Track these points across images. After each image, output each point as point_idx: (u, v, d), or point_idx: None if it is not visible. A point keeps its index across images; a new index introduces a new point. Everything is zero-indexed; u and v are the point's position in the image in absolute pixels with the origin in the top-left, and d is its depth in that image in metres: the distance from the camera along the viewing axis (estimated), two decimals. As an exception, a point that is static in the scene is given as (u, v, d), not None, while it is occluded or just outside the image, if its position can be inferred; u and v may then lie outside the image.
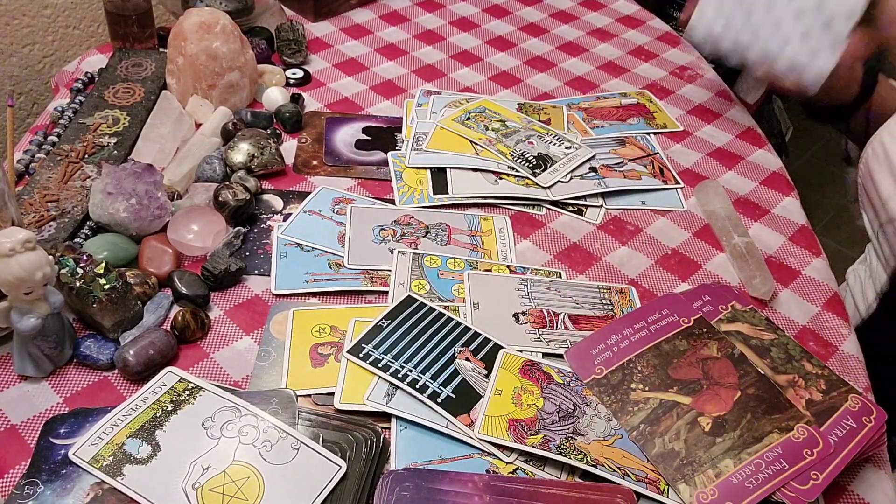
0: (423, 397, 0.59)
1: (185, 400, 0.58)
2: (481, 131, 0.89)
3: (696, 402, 0.61)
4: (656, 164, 0.89)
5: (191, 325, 0.64)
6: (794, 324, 0.72)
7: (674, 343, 0.65)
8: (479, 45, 1.11)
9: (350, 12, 1.15)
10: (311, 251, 0.73)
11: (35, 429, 0.57)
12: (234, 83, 0.89)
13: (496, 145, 0.86)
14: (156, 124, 0.85)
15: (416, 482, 0.54)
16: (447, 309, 0.67)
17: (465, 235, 0.77)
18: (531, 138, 0.88)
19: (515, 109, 0.94)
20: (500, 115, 0.92)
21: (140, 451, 0.55)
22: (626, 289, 0.73)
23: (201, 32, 0.86)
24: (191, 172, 0.80)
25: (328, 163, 0.86)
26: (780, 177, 0.91)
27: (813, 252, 0.81)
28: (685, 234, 0.81)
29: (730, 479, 0.56)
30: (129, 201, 0.70)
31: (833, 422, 0.60)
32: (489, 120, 0.91)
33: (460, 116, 0.91)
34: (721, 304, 0.70)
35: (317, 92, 0.98)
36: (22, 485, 0.53)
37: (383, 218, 0.78)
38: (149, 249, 0.70)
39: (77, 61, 1.00)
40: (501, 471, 0.57)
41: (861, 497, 0.59)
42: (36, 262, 0.55)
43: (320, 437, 0.57)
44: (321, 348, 0.64)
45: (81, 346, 0.62)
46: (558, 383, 0.62)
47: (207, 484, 0.53)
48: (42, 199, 0.74)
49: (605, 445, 0.58)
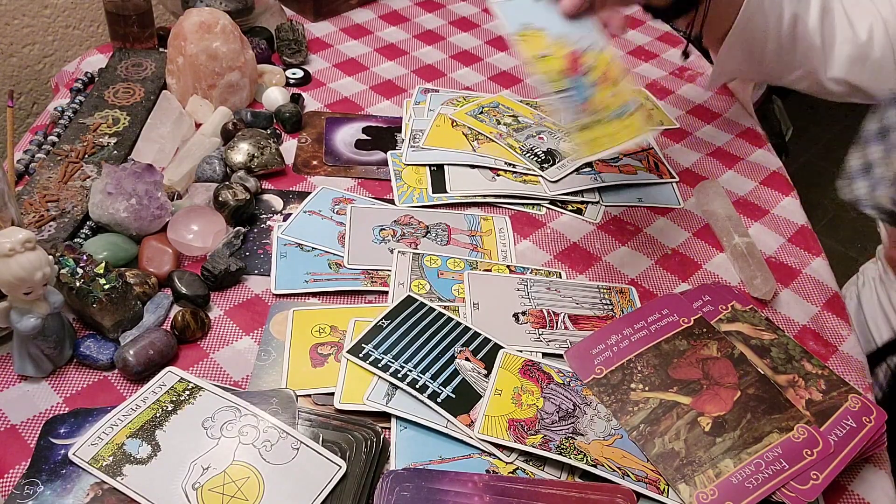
0: (423, 397, 0.59)
1: (185, 400, 0.58)
2: (493, 125, 0.89)
3: (696, 402, 0.61)
4: (651, 159, 0.89)
5: (191, 325, 0.64)
6: (794, 324, 0.72)
7: (674, 343, 0.65)
8: (479, 45, 1.11)
9: (350, 12, 1.15)
10: (311, 251, 0.73)
11: (35, 429, 0.57)
12: (234, 83, 0.89)
13: (507, 139, 0.87)
14: (156, 124, 0.85)
15: (416, 482, 0.54)
16: (447, 309, 0.67)
17: (465, 235, 0.77)
18: (542, 134, 0.88)
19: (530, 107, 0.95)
20: (514, 111, 0.92)
21: (140, 451, 0.55)
22: (626, 289, 0.73)
23: (201, 32, 0.86)
24: (191, 172, 0.80)
25: (328, 163, 0.86)
26: (780, 177, 0.91)
27: (813, 252, 0.81)
28: (685, 234, 0.81)
29: (730, 479, 0.56)
30: (129, 201, 0.70)
31: (833, 422, 0.60)
32: (502, 115, 0.91)
33: (473, 110, 0.91)
34: (721, 304, 0.70)
35: (317, 92, 0.98)
36: (22, 485, 0.53)
37: (383, 218, 0.78)
38: (149, 249, 0.70)
39: (77, 61, 1.01)
40: (501, 471, 0.57)
41: (861, 497, 0.59)
42: (36, 262, 0.55)
43: (320, 437, 0.57)
44: (321, 348, 0.64)
45: (81, 346, 0.62)
46: (558, 383, 0.62)
47: (207, 484, 0.53)
48: (42, 199, 0.74)
49: (605, 445, 0.58)
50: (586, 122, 0.65)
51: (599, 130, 0.65)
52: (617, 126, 0.65)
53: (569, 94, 0.65)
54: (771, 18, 0.76)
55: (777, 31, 0.77)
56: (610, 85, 0.66)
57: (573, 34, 0.68)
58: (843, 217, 2.04)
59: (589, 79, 0.66)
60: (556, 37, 0.68)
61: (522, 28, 0.68)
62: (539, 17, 0.68)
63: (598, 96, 0.66)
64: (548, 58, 0.67)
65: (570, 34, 0.68)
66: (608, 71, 0.67)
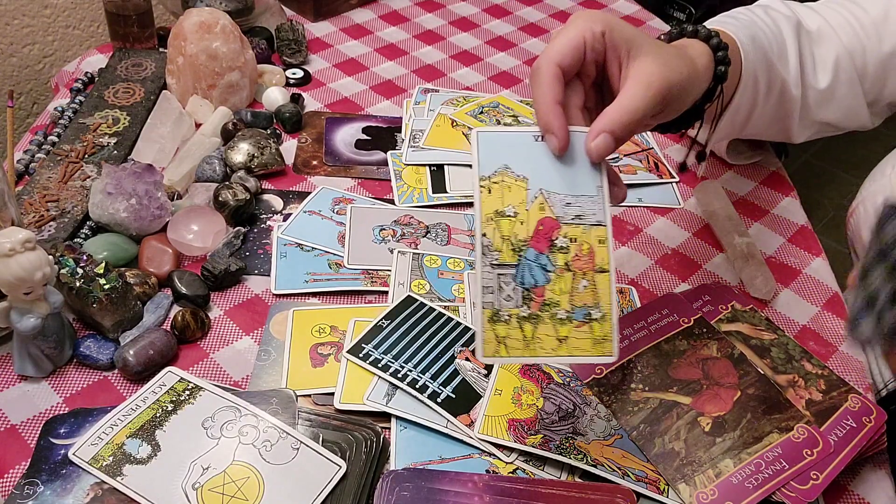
0: (423, 397, 0.59)
1: (185, 400, 0.58)
2: (493, 125, 0.89)
3: (696, 402, 0.61)
4: (651, 159, 0.89)
5: (191, 325, 0.64)
6: (794, 324, 0.72)
7: (674, 343, 0.65)
8: (479, 45, 1.11)
9: (350, 12, 1.15)
10: (311, 251, 0.73)
11: (35, 429, 0.57)
12: (234, 83, 0.89)
13: None
14: (156, 124, 0.85)
15: (416, 482, 0.54)
16: (447, 309, 0.67)
17: (465, 235, 0.77)
18: None
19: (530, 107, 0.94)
20: (514, 111, 0.92)
21: (140, 451, 0.55)
22: (626, 289, 0.73)
23: (201, 32, 0.86)
24: (191, 172, 0.80)
25: (328, 163, 0.86)
26: (780, 177, 0.91)
27: (813, 252, 0.81)
28: (685, 234, 0.81)
29: (730, 479, 0.56)
30: (129, 201, 0.70)
31: (833, 422, 0.60)
32: (502, 115, 0.91)
33: (473, 110, 0.91)
34: (721, 304, 0.70)
35: (317, 92, 0.98)
36: (22, 485, 0.53)
37: (383, 218, 0.78)
38: (149, 249, 0.70)
39: (77, 61, 1.01)
40: (501, 471, 0.57)
41: (861, 497, 0.59)
42: (36, 262, 0.55)
43: (320, 437, 0.57)
44: (321, 348, 0.64)
45: (81, 346, 0.62)
46: (558, 383, 0.62)
47: (207, 484, 0.53)
48: (42, 199, 0.74)
49: (605, 445, 0.58)
50: (532, 313, 0.49)
51: (544, 329, 0.49)
52: (568, 331, 0.49)
53: (521, 271, 0.49)
54: (760, 90, 0.71)
55: (764, 98, 0.73)
56: (584, 273, 0.50)
57: (567, 193, 0.50)
58: (843, 217, 2.04)
59: (558, 258, 0.50)
60: (540, 193, 0.50)
61: (499, 171, 0.50)
62: (528, 160, 0.50)
63: (560, 283, 0.49)
64: (513, 218, 0.50)
65: (562, 193, 0.50)
66: (591, 254, 0.50)
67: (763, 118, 0.75)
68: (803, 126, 0.78)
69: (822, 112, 0.76)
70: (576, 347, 0.50)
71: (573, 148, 0.51)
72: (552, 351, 0.49)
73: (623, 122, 0.49)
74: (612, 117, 0.50)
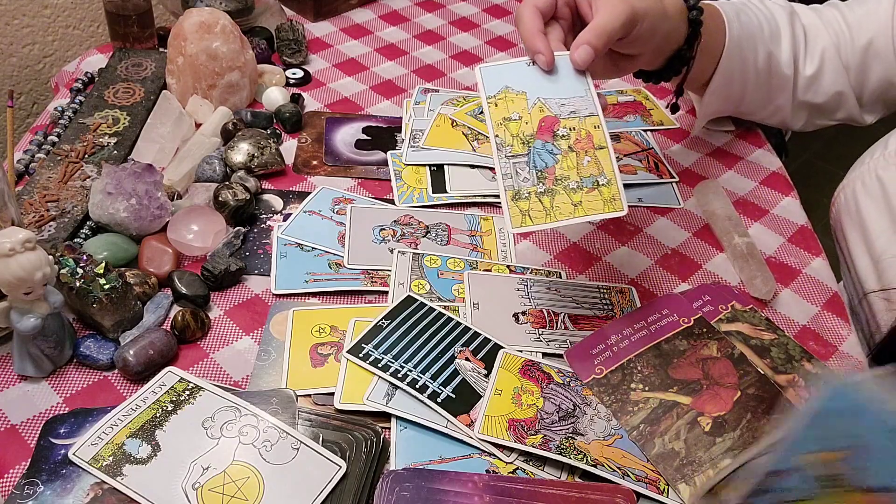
0: (423, 397, 0.59)
1: (185, 400, 0.58)
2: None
3: (696, 402, 0.61)
4: (651, 159, 0.89)
5: (191, 325, 0.64)
6: (794, 324, 0.72)
7: (674, 343, 0.65)
8: (479, 45, 1.11)
9: (350, 12, 1.15)
10: (311, 251, 0.73)
11: (35, 429, 0.57)
12: (234, 83, 0.89)
13: None
14: (156, 124, 0.85)
15: (416, 482, 0.54)
16: (447, 309, 0.67)
17: (465, 235, 0.77)
18: None
19: None
20: None
21: (140, 451, 0.55)
22: (627, 289, 0.73)
23: (201, 32, 0.86)
24: (191, 172, 0.80)
25: (328, 163, 0.86)
26: (780, 177, 0.91)
27: (813, 252, 0.81)
28: (685, 234, 0.81)
29: (730, 478, 0.56)
30: (129, 201, 0.70)
31: (833, 422, 0.60)
32: None
33: (473, 110, 0.91)
34: (721, 304, 0.70)
35: (317, 92, 0.98)
36: (22, 485, 0.53)
37: (383, 218, 0.78)
38: (149, 249, 0.70)
39: (77, 61, 1.00)
40: (501, 471, 0.57)
41: (861, 497, 0.59)
42: (36, 262, 0.55)
43: (320, 437, 0.57)
44: (321, 348, 0.64)
45: (81, 346, 0.62)
46: (558, 383, 0.62)
47: (207, 484, 0.53)
48: (42, 199, 0.74)
49: (605, 445, 0.58)
50: (547, 188, 0.59)
51: (559, 199, 0.59)
52: (581, 197, 0.59)
53: (531, 157, 0.60)
54: (749, 61, 0.80)
55: (755, 71, 0.81)
56: (586, 151, 0.60)
57: (560, 98, 0.61)
58: (843, 217, 2.04)
59: (562, 143, 0.60)
60: (537, 101, 0.61)
61: (501, 90, 0.62)
62: (524, 80, 0.62)
63: (566, 162, 0.59)
64: (518, 120, 0.61)
65: (556, 98, 0.61)
66: (589, 137, 0.60)
67: (758, 93, 0.83)
68: (796, 108, 0.86)
69: (808, 94, 0.85)
70: (590, 208, 0.59)
71: (560, 66, 0.62)
72: (570, 214, 0.58)
73: (598, 34, 0.60)
74: (589, 32, 0.60)
